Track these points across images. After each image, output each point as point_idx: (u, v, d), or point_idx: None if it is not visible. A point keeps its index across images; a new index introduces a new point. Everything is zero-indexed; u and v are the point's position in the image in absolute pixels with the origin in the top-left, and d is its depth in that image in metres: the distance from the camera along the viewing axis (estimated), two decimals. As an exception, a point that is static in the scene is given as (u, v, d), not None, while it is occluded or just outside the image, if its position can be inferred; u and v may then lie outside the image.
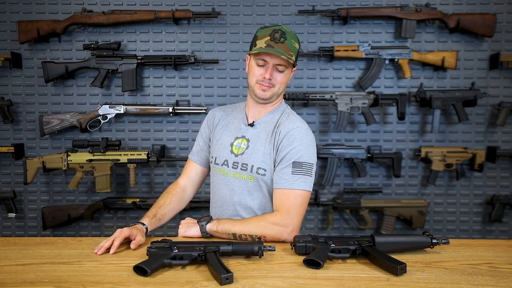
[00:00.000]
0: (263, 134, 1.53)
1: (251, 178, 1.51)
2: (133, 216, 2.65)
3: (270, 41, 1.43)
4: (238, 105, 1.69)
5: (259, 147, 1.51)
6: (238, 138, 1.56)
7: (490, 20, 2.41)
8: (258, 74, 1.47)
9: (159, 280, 1.10)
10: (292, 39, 1.46)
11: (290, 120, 1.52)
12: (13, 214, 2.54)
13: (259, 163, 1.50)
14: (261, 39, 1.45)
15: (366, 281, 1.10)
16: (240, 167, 1.52)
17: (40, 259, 1.24)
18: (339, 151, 2.50)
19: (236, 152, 1.54)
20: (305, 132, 1.49)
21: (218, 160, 1.58)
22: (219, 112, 1.68)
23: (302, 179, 1.44)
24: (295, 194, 1.43)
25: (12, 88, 2.58)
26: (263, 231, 1.39)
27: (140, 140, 2.60)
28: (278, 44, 1.42)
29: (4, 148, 2.49)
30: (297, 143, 1.46)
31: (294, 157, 1.45)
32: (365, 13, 2.45)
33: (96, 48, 2.43)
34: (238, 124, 1.59)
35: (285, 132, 1.48)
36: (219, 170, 1.57)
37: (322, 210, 2.64)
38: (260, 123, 1.55)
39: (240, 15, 2.54)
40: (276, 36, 1.43)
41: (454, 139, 2.59)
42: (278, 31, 1.44)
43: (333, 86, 2.56)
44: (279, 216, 1.42)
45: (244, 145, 1.53)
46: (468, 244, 1.40)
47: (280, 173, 1.46)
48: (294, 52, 1.47)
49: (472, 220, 2.64)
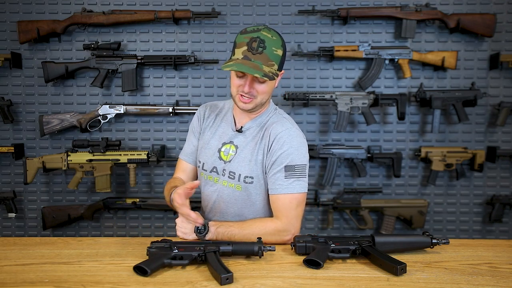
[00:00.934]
0: (251, 140, 1.49)
1: (239, 187, 1.49)
2: (133, 216, 2.65)
3: (247, 52, 1.33)
4: (227, 104, 1.62)
5: (246, 155, 1.48)
6: (226, 143, 1.52)
7: (490, 20, 2.41)
8: (237, 85, 1.40)
9: (159, 280, 1.10)
10: (273, 46, 1.35)
11: (279, 122, 1.48)
12: (13, 214, 2.54)
13: (246, 172, 1.47)
14: (239, 48, 1.35)
15: (366, 281, 1.10)
16: (227, 175, 1.50)
17: (40, 259, 1.24)
18: (339, 151, 2.50)
19: (225, 159, 1.51)
20: (294, 134, 1.45)
21: (206, 166, 1.55)
22: (208, 110, 1.62)
23: (296, 182, 1.42)
24: (291, 198, 1.42)
25: (12, 88, 2.58)
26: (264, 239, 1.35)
27: (140, 140, 2.60)
28: (256, 56, 1.32)
29: (4, 148, 2.49)
30: (287, 146, 1.42)
31: (285, 161, 1.42)
32: (365, 13, 2.45)
33: (96, 48, 2.43)
34: (226, 128, 1.55)
35: (275, 135, 1.44)
36: (208, 176, 1.55)
37: (322, 210, 2.64)
38: (248, 128, 1.51)
39: (240, 15, 2.54)
40: (253, 46, 1.32)
41: (454, 139, 2.59)
42: (256, 39, 1.33)
43: (333, 86, 2.56)
44: (279, 223, 1.41)
45: (233, 152, 1.50)
46: (468, 244, 1.40)
47: (273, 178, 1.44)
48: (276, 60, 1.36)
49: (472, 220, 2.64)
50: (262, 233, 1.37)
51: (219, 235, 1.38)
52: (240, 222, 1.44)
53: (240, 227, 1.40)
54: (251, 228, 1.40)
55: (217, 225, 1.39)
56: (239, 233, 1.38)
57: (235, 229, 1.39)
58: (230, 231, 1.38)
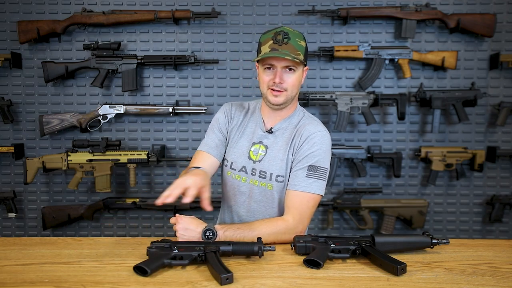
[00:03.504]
0: (281, 140, 1.51)
1: (270, 186, 1.50)
2: (133, 216, 2.65)
3: (273, 44, 1.40)
4: (252, 104, 1.63)
5: (276, 154, 1.50)
6: (255, 143, 1.53)
7: (490, 20, 2.41)
8: (268, 80, 1.44)
9: (159, 280, 1.10)
10: (296, 38, 1.43)
11: (312, 124, 1.51)
12: (13, 214, 2.54)
13: (278, 171, 1.49)
14: (265, 44, 1.42)
15: (366, 281, 1.10)
16: (258, 174, 1.51)
17: (40, 259, 1.24)
18: (339, 151, 2.50)
19: (254, 159, 1.52)
20: (325, 137, 1.49)
21: (234, 166, 1.55)
22: (235, 107, 1.62)
23: (316, 183, 1.44)
24: (309, 197, 1.43)
25: (12, 88, 2.58)
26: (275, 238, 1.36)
27: (140, 140, 2.60)
28: (282, 46, 1.39)
29: (4, 148, 2.49)
30: (316, 147, 1.45)
31: (311, 161, 1.44)
32: (365, 13, 2.45)
33: (96, 48, 2.43)
34: (254, 128, 1.56)
35: (307, 135, 1.47)
36: (236, 176, 1.55)
37: (322, 210, 2.64)
38: (278, 129, 1.53)
39: (240, 15, 2.54)
40: (278, 38, 1.40)
41: (454, 139, 2.59)
42: (280, 32, 1.41)
43: (333, 86, 2.56)
44: (291, 220, 1.41)
45: (263, 152, 1.52)
46: (468, 244, 1.40)
47: (294, 174, 1.46)
48: (301, 50, 1.42)
49: (472, 220, 2.64)
50: (273, 232, 1.37)
51: (227, 239, 1.32)
52: (247, 224, 1.41)
53: (250, 228, 1.36)
54: (261, 228, 1.37)
55: (224, 229, 1.34)
56: (249, 235, 1.34)
57: (244, 231, 1.35)
58: (239, 233, 1.34)
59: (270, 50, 1.39)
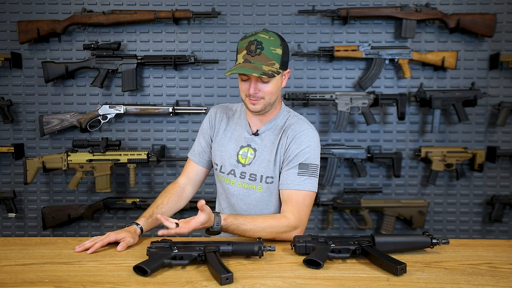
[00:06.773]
0: (268, 142, 1.52)
1: (260, 188, 1.52)
2: (133, 216, 2.64)
3: (247, 55, 1.39)
4: (238, 107, 1.64)
5: (265, 156, 1.51)
6: (243, 147, 1.55)
7: (490, 20, 2.41)
8: (244, 89, 1.44)
9: (159, 280, 1.10)
10: (271, 46, 1.39)
11: (297, 123, 1.52)
12: (13, 214, 2.54)
13: (267, 172, 1.51)
14: (240, 53, 1.41)
15: (366, 281, 1.10)
16: (248, 177, 1.53)
17: (40, 259, 1.24)
18: (339, 151, 2.50)
19: (244, 162, 1.53)
20: (311, 134, 1.50)
21: (223, 169, 1.57)
22: (220, 112, 1.64)
23: (309, 180, 1.45)
24: (304, 195, 1.45)
25: (12, 88, 2.58)
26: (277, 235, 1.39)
27: (140, 140, 2.60)
28: (255, 57, 1.38)
29: (4, 148, 2.49)
30: (304, 145, 1.47)
31: (301, 159, 1.46)
32: (365, 13, 2.45)
33: (96, 48, 2.43)
34: (241, 131, 1.57)
35: (293, 135, 1.49)
36: (225, 179, 1.57)
37: (322, 210, 2.64)
38: (264, 131, 1.54)
39: (240, 15, 2.54)
40: (252, 49, 1.38)
41: (454, 139, 2.59)
42: (253, 42, 1.38)
43: (333, 86, 2.56)
44: (292, 218, 1.42)
45: (251, 155, 1.53)
46: (468, 244, 1.40)
47: (286, 174, 1.48)
48: (276, 58, 1.40)
49: (472, 220, 2.64)
50: (275, 228, 1.39)
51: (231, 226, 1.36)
52: (250, 217, 1.41)
53: (252, 223, 1.38)
54: (264, 223, 1.38)
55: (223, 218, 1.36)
56: (251, 229, 1.36)
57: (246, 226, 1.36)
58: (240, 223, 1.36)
59: (244, 61, 1.39)
